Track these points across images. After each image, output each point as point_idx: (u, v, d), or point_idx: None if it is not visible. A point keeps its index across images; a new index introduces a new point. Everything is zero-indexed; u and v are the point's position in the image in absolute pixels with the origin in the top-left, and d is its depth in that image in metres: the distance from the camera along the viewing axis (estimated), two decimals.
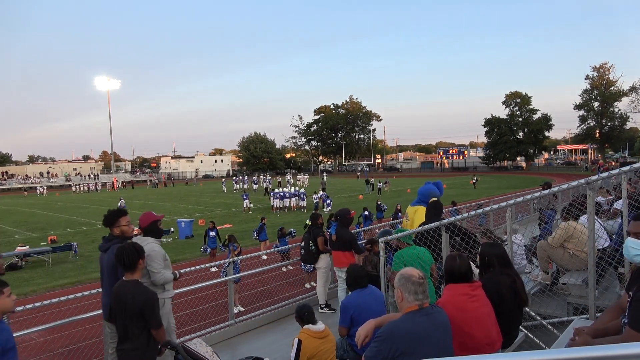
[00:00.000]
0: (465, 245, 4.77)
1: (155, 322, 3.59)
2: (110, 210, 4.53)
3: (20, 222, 28.23)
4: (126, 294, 3.58)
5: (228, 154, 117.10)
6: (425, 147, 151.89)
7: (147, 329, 3.59)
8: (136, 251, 3.68)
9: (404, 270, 2.78)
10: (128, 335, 3.61)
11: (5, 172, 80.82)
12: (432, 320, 2.64)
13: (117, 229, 4.36)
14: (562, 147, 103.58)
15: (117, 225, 4.36)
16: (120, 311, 3.63)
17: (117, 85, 78.50)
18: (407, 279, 2.67)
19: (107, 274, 4.29)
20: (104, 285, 4.39)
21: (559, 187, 4.46)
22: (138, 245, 3.80)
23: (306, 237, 7.41)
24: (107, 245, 4.32)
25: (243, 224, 22.94)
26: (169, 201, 39.50)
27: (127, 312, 3.56)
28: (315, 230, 7.21)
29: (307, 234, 7.38)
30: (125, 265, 3.64)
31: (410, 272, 2.72)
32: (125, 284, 3.66)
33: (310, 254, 7.26)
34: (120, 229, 4.35)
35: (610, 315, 2.76)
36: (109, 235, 4.38)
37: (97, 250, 4.05)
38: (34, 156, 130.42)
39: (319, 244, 7.13)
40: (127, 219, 4.44)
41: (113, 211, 4.51)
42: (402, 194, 37.28)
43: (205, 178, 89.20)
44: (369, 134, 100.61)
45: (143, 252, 3.78)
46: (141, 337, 3.59)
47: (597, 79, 70.54)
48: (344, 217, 6.84)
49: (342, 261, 6.66)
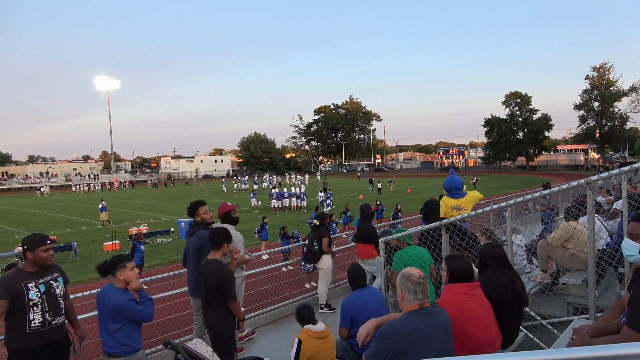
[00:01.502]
0: (465, 245, 4.77)
1: (230, 296, 4.09)
2: (191, 201, 5.16)
3: (20, 222, 28.23)
4: (208, 270, 4.12)
5: (228, 154, 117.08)
6: (425, 147, 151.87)
7: (223, 302, 4.10)
8: (225, 235, 4.24)
9: (404, 270, 2.79)
10: (211, 306, 4.15)
11: (5, 172, 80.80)
12: (432, 320, 2.64)
13: (198, 217, 5.05)
14: (562, 147, 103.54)
15: (198, 214, 5.05)
16: (203, 286, 4.18)
17: (117, 85, 78.60)
18: (407, 279, 2.69)
19: (192, 255, 4.95)
20: (190, 265, 5.06)
21: (559, 187, 4.46)
22: (228, 231, 4.31)
23: (311, 237, 7.42)
24: (192, 231, 5.04)
25: (243, 224, 22.91)
26: (169, 201, 39.51)
27: (209, 287, 4.11)
28: (321, 230, 7.19)
29: (313, 233, 7.37)
30: (214, 243, 4.20)
31: (411, 272, 2.73)
32: (208, 262, 4.19)
33: (312, 254, 7.26)
34: (200, 217, 5.04)
35: (611, 315, 2.76)
36: (193, 222, 5.09)
37: (97, 251, 4.15)
38: (34, 156, 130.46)
39: (323, 244, 7.11)
40: (205, 208, 5.10)
41: (194, 202, 5.15)
42: (402, 194, 37.28)
43: (205, 178, 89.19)
44: (369, 134, 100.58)
45: (231, 238, 4.32)
46: (222, 308, 4.11)
47: (597, 79, 70.48)
48: (365, 211, 7.20)
49: (364, 253, 7.07)
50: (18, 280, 3.45)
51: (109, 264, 3.72)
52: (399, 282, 2.74)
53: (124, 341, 3.61)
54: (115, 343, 3.59)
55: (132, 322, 3.66)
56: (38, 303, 3.48)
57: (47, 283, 3.59)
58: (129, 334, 3.63)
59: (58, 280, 3.70)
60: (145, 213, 30.72)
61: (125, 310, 3.58)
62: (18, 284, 3.43)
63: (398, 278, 2.76)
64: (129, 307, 3.58)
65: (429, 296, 2.72)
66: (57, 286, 3.65)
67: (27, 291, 3.44)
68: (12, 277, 3.50)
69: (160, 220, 26.21)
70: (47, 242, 3.59)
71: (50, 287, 3.60)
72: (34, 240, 3.56)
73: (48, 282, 3.60)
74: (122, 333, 3.60)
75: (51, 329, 3.57)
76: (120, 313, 3.58)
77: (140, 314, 3.64)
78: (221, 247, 4.20)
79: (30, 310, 3.43)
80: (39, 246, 3.53)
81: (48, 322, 3.53)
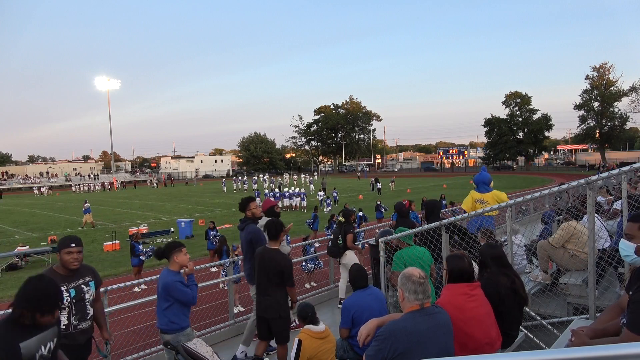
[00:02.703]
0: (465, 245, 4.77)
1: (290, 281, 4.53)
2: (242, 198, 5.47)
3: (20, 222, 28.23)
4: (270, 257, 4.49)
5: (228, 154, 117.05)
6: (425, 147, 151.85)
7: (281, 286, 4.49)
8: (281, 226, 4.66)
9: (405, 270, 2.79)
10: (268, 290, 4.52)
11: (5, 172, 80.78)
12: (433, 320, 2.64)
13: (249, 212, 5.30)
14: (562, 147, 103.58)
15: (249, 209, 5.30)
16: (262, 270, 4.53)
17: (117, 85, 78.65)
18: (407, 279, 2.69)
19: (244, 247, 5.29)
20: (244, 256, 5.42)
21: (559, 187, 4.46)
22: (282, 223, 4.73)
23: (336, 232, 7.66)
24: (242, 225, 5.34)
25: None
26: (169, 201, 39.51)
27: (269, 272, 4.47)
28: (346, 226, 7.41)
29: (338, 229, 7.62)
30: (272, 235, 4.57)
31: (411, 272, 2.73)
32: (269, 250, 4.57)
33: (337, 248, 7.48)
34: (251, 212, 5.31)
35: (610, 315, 2.76)
36: (244, 217, 5.36)
37: (97, 250, 4.17)
38: (34, 156, 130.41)
39: (347, 240, 7.32)
40: (255, 204, 5.40)
41: (245, 198, 5.43)
42: (402, 194, 37.27)
43: (205, 178, 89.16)
44: (369, 134, 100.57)
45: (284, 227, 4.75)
46: (278, 292, 4.50)
47: (597, 79, 70.44)
48: (401, 209, 7.38)
49: None
50: None
51: (165, 249, 4.11)
52: (399, 282, 2.74)
53: (172, 319, 3.97)
54: (165, 321, 3.98)
55: (179, 302, 3.97)
56: (66, 307, 3.42)
57: (78, 287, 3.52)
58: (176, 313, 3.98)
59: (89, 285, 3.63)
60: (145, 213, 30.73)
61: (172, 289, 3.91)
62: None
63: (399, 278, 2.76)
64: (176, 287, 3.90)
65: (429, 296, 2.72)
66: (87, 290, 3.60)
67: None
68: None
69: (160, 220, 26.21)
70: (72, 245, 3.47)
71: (81, 291, 3.54)
72: (61, 242, 3.52)
73: (79, 287, 3.53)
74: (170, 312, 3.96)
75: (75, 333, 3.53)
76: (168, 292, 3.93)
77: (185, 295, 3.94)
78: (279, 237, 4.61)
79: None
80: (62, 248, 3.46)
81: (73, 327, 3.50)
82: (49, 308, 2.47)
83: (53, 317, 2.52)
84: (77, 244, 3.51)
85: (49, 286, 2.52)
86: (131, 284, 5.89)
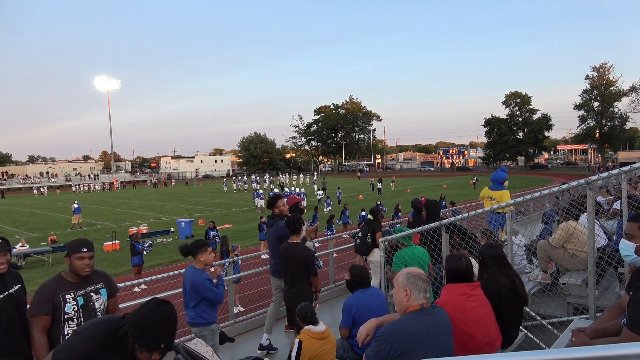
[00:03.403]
0: (465, 245, 4.77)
1: (314, 271, 4.88)
2: (270, 195, 5.85)
3: (20, 222, 28.23)
4: (294, 251, 4.85)
5: (228, 154, 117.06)
6: (425, 147, 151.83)
7: (306, 276, 4.83)
8: (301, 221, 5.00)
9: (411, 269, 2.78)
10: (294, 281, 4.87)
11: (5, 172, 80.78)
12: (433, 320, 2.64)
13: (277, 209, 5.54)
14: (562, 147, 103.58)
15: (277, 207, 5.54)
16: (288, 264, 4.89)
17: (117, 85, 78.65)
18: (417, 278, 2.67)
19: (272, 243, 5.53)
20: (271, 251, 5.64)
21: (559, 187, 4.46)
22: (302, 219, 5.06)
23: (365, 230, 7.83)
24: (271, 222, 5.57)
25: (243, 224, 22.93)
26: (169, 201, 39.50)
27: (294, 264, 4.81)
28: (375, 225, 7.54)
29: (367, 227, 7.79)
30: (293, 229, 4.89)
31: (419, 271, 2.74)
32: (292, 244, 4.92)
33: (365, 246, 7.64)
34: (279, 209, 5.55)
35: (610, 315, 2.76)
36: (272, 214, 5.60)
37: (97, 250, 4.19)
38: (34, 156, 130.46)
39: (376, 238, 7.39)
40: (283, 201, 5.67)
41: (274, 196, 5.70)
42: (402, 194, 37.28)
43: (205, 178, 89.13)
44: (369, 134, 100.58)
45: (304, 223, 5.08)
46: (302, 282, 4.84)
47: (597, 79, 70.48)
48: (416, 206, 7.58)
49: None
50: (57, 290, 3.11)
51: (192, 246, 4.25)
52: (406, 280, 2.69)
53: (200, 314, 4.19)
54: (193, 314, 4.19)
55: (206, 301, 4.18)
56: (74, 317, 3.14)
57: (86, 295, 3.23)
58: (204, 309, 4.21)
59: (100, 293, 3.31)
60: (145, 213, 30.72)
61: (201, 287, 4.09)
62: (57, 295, 3.10)
63: (404, 277, 2.72)
64: (205, 285, 4.08)
65: (430, 297, 2.72)
66: (97, 299, 3.28)
67: (64, 303, 3.10)
68: (52, 287, 3.13)
69: (160, 220, 26.20)
70: (84, 250, 3.17)
71: (90, 299, 3.24)
72: (71, 246, 3.21)
73: (88, 295, 3.24)
74: (198, 308, 4.19)
75: None
76: (197, 290, 4.11)
77: (213, 293, 4.15)
78: (300, 231, 4.92)
79: (66, 325, 3.11)
80: (73, 252, 3.16)
81: None
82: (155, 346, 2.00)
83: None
84: (89, 249, 3.24)
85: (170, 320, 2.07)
86: (131, 284, 5.89)
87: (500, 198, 7.40)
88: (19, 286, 3.29)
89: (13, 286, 3.23)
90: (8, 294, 3.17)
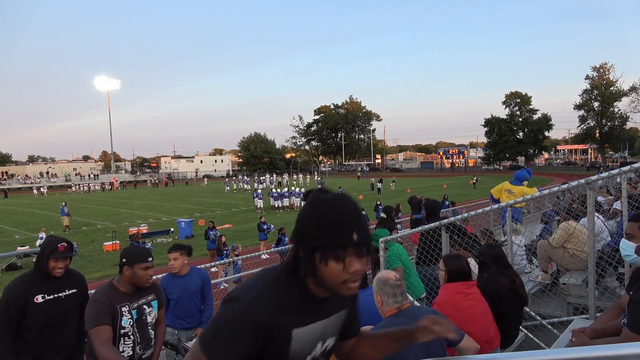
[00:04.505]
0: (466, 245, 4.77)
1: None
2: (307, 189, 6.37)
3: (20, 222, 28.24)
4: None
5: (228, 154, 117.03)
6: (425, 147, 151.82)
7: None
8: None
9: (380, 274, 2.72)
10: None
11: (5, 172, 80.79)
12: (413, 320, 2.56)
13: None
14: (562, 147, 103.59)
15: None
16: None
17: (117, 85, 78.65)
18: (384, 283, 2.61)
19: None
20: None
21: (559, 187, 4.46)
22: None
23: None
24: None
25: (243, 224, 22.94)
26: (169, 201, 39.50)
27: None
28: (389, 222, 7.51)
29: (382, 225, 7.73)
30: None
31: (387, 276, 2.67)
32: None
33: None
34: None
35: (610, 315, 2.76)
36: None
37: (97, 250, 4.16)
38: (34, 156, 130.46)
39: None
40: None
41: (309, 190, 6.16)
42: (402, 193, 37.28)
43: (205, 178, 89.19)
44: (369, 134, 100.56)
45: None
46: None
47: (597, 79, 70.46)
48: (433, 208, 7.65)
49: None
50: (114, 301, 2.85)
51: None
52: (376, 287, 2.65)
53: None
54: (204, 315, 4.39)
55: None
56: (130, 333, 2.88)
57: (140, 308, 2.98)
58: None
59: (152, 305, 3.07)
60: (145, 213, 30.73)
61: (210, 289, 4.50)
62: (115, 306, 2.84)
63: (375, 283, 2.68)
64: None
65: (407, 297, 2.67)
66: (149, 312, 3.04)
67: (121, 316, 2.84)
68: (109, 296, 2.86)
69: (160, 220, 26.21)
70: (149, 260, 2.93)
71: (142, 313, 2.99)
72: (134, 254, 2.92)
73: (141, 307, 2.99)
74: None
75: None
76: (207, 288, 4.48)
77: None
78: None
79: (121, 341, 2.85)
80: (138, 262, 2.88)
81: (138, 357, 2.95)
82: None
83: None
84: (152, 259, 2.99)
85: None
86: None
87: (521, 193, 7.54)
88: (73, 291, 3.19)
89: (65, 290, 3.15)
90: (56, 298, 3.09)
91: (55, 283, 3.08)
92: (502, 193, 7.94)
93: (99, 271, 14.22)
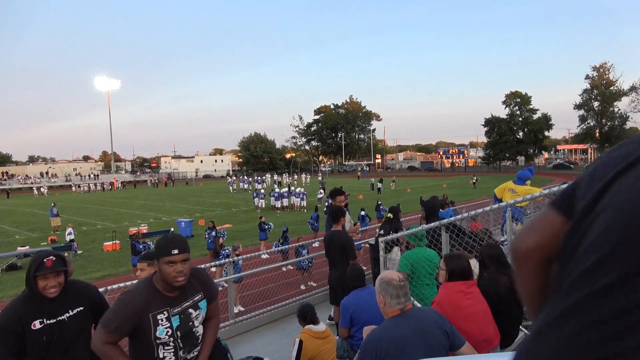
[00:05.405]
0: (466, 246, 4.77)
1: (352, 255, 5.34)
2: (334, 188, 6.59)
3: (20, 222, 28.25)
4: (334, 237, 5.46)
5: (228, 154, 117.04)
6: (425, 147, 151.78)
7: (345, 259, 5.28)
8: (341, 211, 5.60)
9: (383, 275, 2.72)
10: (335, 264, 5.44)
11: (5, 172, 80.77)
12: (416, 322, 2.58)
13: (334, 202, 6.22)
14: (562, 147, 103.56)
15: (335, 200, 6.23)
16: (331, 248, 5.49)
17: (117, 85, 78.58)
18: (387, 283, 2.61)
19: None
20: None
21: (559, 187, 4.46)
22: (343, 209, 5.72)
23: (386, 228, 7.70)
24: (328, 211, 6.10)
25: (243, 224, 22.95)
26: (169, 201, 39.51)
27: (335, 248, 5.40)
28: (396, 223, 7.46)
29: (388, 225, 7.65)
30: (333, 218, 5.54)
31: (390, 276, 2.67)
32: (333, 232, 5.54)
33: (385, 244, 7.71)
34: (336, 203, 6.20)
35: None
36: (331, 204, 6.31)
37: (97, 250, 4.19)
38: (34, 156, 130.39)
39: None
40: (342, 198, 6.30)
41: (335, 190, 6.48)
42: (402, 193, 37.29)
43: (205, 178, 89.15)
44: (369, 134, 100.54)
45: (345, 213, 5.70)
46: (342, 264, 5.26)
47: (597, 78, 70.47)
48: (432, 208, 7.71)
49: None
50: (148, 308, 2.38)
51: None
52: (379, 287, 2.64)
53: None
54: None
55: None
56: (169, 342, 2.45)
57: (183, 313, 2.48)
58: None
59: (199, 307, 2.57)
60: (145, 213, 30.73)
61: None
62: (146, 315, 2.37)
63: (377, 283, 2.68)
64: None
65: (410, 298, 2.68)
66: (196, 316, 2.55)
67: (155, 326, 2.38)
68: (141, 304, 2.38)
69: (160, 220, 26.22)
70: (174, 252, 2.34)
71: (188, 318, 2.51)
72: (159, 245, 2.41)
73: (185, 312, 2.49)
74: None
75: None
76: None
77: None
78: (339, 221, 5.50)
79: (160, 348, 2.44)
80: (161, 256, 2.36)
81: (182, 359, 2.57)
82: None
83: None
84: (181, 249, 2.37)
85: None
86: (131, 284, 5.88)
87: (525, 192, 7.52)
88: (78, 310, 2.70)
89: (69, 311, 2.66)
90: (57, 321, 2.62)
91: (54, 304, 2.60)
92: (505, 193, 7.90)
93: (99, 271, 14.24)
